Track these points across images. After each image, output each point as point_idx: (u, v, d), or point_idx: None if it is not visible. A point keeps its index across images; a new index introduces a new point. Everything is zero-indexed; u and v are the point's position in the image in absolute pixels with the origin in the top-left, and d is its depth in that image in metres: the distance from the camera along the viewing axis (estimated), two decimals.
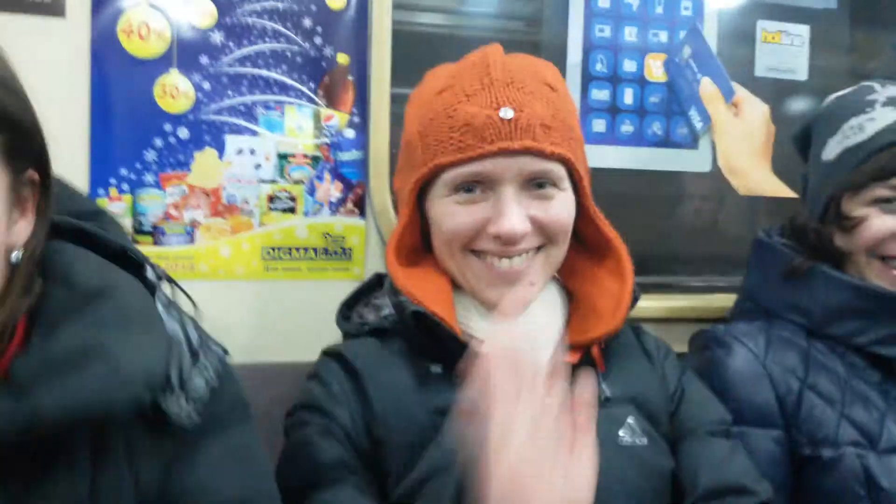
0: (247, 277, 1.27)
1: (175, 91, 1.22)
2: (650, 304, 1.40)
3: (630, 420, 0.99)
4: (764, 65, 1.58)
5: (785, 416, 1.09)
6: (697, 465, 1.01)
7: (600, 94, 1.50)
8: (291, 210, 1.28)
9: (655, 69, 1.52)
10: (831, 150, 1.16)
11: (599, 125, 1.50)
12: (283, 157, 1.27)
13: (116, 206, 1.20)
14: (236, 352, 0.85)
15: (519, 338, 0.76)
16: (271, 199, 1.27)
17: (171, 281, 0.81)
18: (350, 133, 1.30)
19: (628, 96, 1.51)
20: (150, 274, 0.76)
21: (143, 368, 0.68)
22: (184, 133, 1.23)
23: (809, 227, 1.16)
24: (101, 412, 0.66)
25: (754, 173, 1.55)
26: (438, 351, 0.96)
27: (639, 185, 1.55)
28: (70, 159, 1.15)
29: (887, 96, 1.14)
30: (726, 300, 1.34)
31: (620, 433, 0.97)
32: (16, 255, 0.67)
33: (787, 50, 1.59)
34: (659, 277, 1.51)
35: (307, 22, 1.27)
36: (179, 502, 0.73)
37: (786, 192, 1.55)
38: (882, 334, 1.10)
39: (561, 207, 0.98)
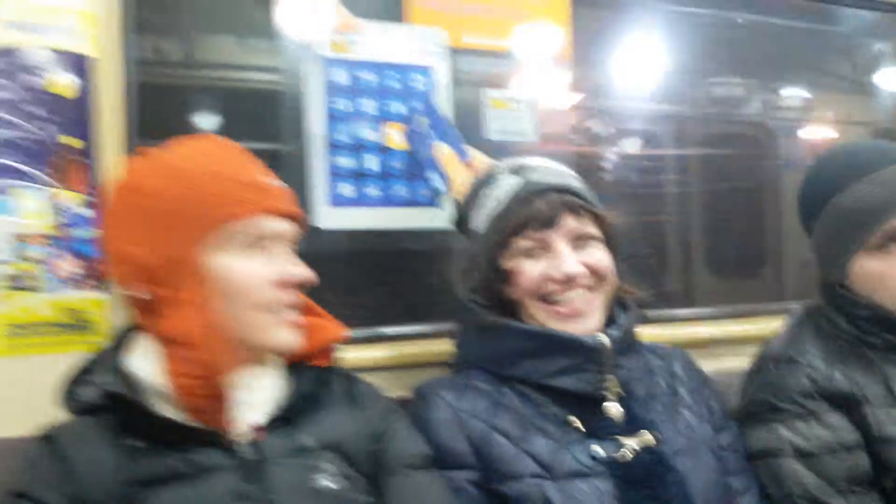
0: None
1: None
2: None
3: (327, 465, 1.10)
4: (495, 128, 1.78)
5: (479, 457, 1.21)
6: (399, 499, 1.14)
7: (345, 161, 1.64)
8: (33, 289, 1.33)
9: (395, 137, 1.68)
10: (479, 220, 1.34)
11: (346, 189, 1.64)
12: (20, 237, 1.32)
13: None
14: None
15: None
16: (13, 278, 1.32)
17: None
18: (87, 212, 1.36)
19: (372, 162, 1.66)
20: None
21: None
22: None
23: (481, 287, 1.32)
24: None
25: None
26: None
27: (390, 242, 1.70)
28: None
29: (510, 167, 1.36)
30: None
31: (317, 478, 1.08)
32: None
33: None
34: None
35: (37, 109, 1.33)
36: None
37: None
38: (550, 370, 1.25)
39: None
